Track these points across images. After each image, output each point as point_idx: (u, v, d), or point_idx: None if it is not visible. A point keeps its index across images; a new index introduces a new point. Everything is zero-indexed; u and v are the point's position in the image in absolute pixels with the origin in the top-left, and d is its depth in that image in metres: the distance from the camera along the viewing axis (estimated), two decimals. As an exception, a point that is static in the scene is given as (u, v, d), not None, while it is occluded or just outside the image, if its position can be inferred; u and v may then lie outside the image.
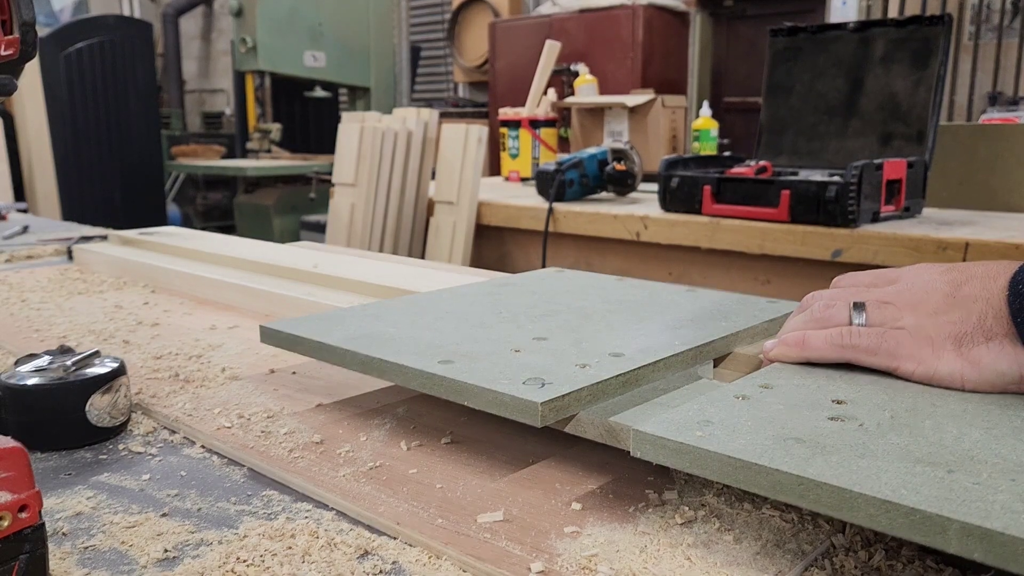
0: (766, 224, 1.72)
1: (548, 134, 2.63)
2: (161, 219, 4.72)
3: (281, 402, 0.57)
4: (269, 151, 4.34)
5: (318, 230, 3.14)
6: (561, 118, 2.86)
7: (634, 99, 2.79)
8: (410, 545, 0.39)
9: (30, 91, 3.18)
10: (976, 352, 0.44)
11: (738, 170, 1.84)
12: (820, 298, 0.52)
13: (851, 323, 0.48)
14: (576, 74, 3.17)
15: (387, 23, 3.96)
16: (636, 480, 0.44)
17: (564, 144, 2.95)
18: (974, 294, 0.46)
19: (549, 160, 2.46)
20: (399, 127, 2.47)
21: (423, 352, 0.50)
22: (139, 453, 0.50)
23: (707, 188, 1.82)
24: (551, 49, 2.73)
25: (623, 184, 2.20)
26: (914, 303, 0.48)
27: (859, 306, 0.49)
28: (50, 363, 0.51)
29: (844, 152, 1.88)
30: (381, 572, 0.36)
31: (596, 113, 2.86)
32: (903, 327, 0.47)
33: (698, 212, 1.84)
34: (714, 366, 0.54)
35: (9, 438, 0.34)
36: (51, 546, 0.36)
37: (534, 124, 2.60)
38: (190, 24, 6.94)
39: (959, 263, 0.50)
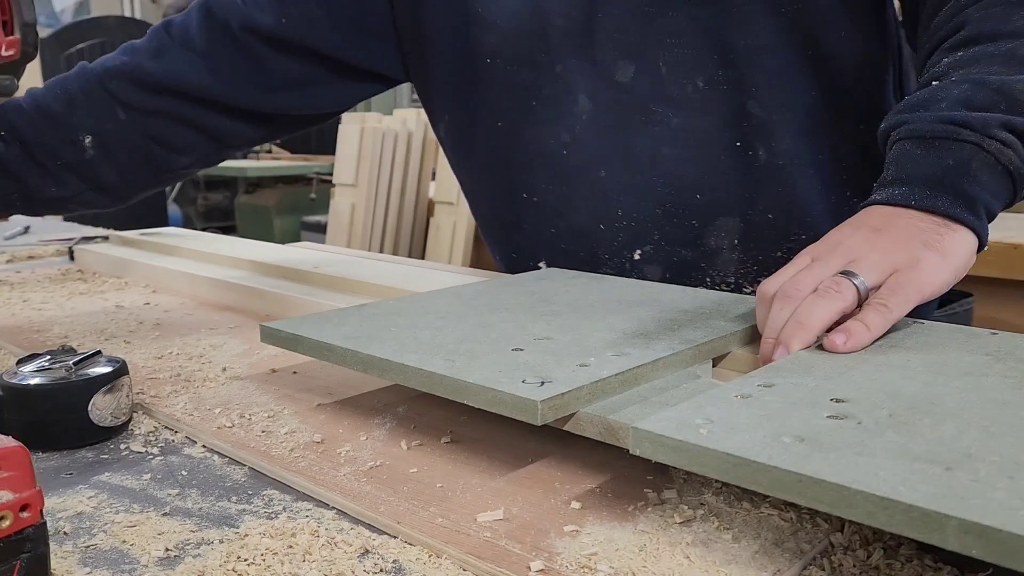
0: (766, 224, 1.71)
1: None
2: (162, 220, 4.71)
3: (282, 402, 0.57)
4: (269, 151, 4.34)
5: (318, 230, 3.14)
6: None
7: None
8: (410, 544, 0.39)
9: (31, 92, 3.18)
10: (944, 245, 0.52)
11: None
12: (799, 287, 0.52)
13: (859, 292, 0.50)
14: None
15: (387, 24, 3.96)
16: (635, 479, 0.44)
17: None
18: (892, 214, 0.54)
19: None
20: (399, 128, 2.47)
21: (423, 351, 0.50)
22: (140, 453, 0.50)
23: (707, 188, 1.82)
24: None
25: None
26: (872, 251, 0.52)
27: (848, 274, 0.50)
28: (52, 363, 0.51)
29: (844, 152, 1.87)
30: (381, 571, 0.37)
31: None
32: (896, 270, 0.50)
33: (698, 212, 1.84)
34: (713, 365, 0.54)
35: (10, 438, 0.34)
36: (53, 545, 0.37)
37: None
38: (190, 25, 6.94)
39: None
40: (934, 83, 0.61)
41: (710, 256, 0.81)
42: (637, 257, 0.82)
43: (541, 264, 0.87)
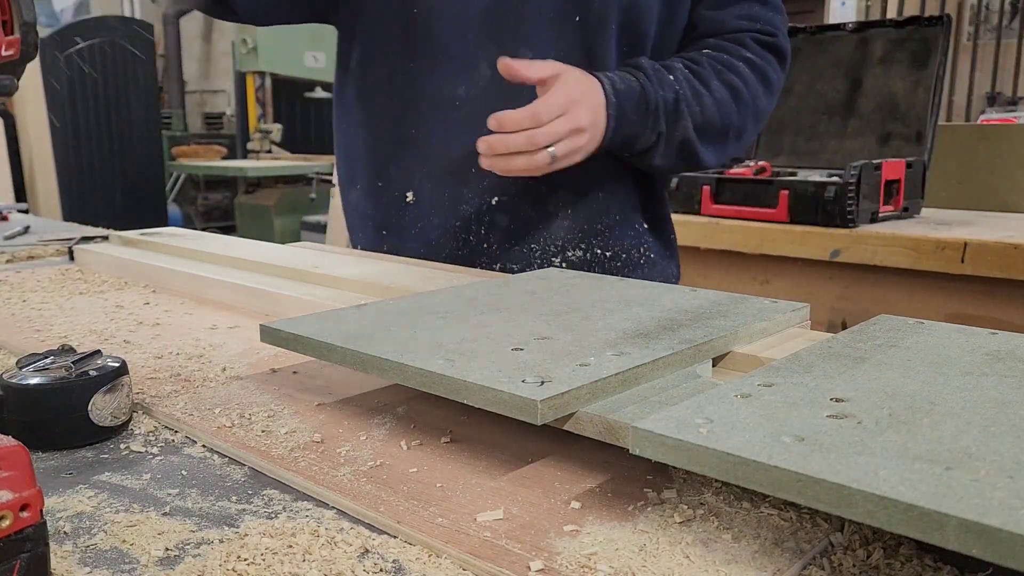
0: (765, 224, 1.72)
1: (548, 134, 2.62)
2: (162, 220, 4.72)
3: (282, 401, 0.57)
4: (270, 151, 4.35)
5: (318, 230, 3.14)
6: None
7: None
8: (410, 544, 0.39)
9: (31, 91, 3.19)
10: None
11: (737, 170, 1.84)
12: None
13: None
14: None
15: (387, 24, 3.96)
16: (635, 479, 0.44)
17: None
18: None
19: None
20: (399, 128, 2.45)
21: (423, 351, 0.50)
22: (140, 452, 0.50)
23: (706, 188, 1.82)
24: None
25: (623, 184, 2.19)
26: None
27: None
28: (52, 363, 0.51)
29: (843, 152, 1.88)
30: (381, 571, 0.37)
31: (596, 113, 2.86)
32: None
33: (697, 212, 1.84)
34: (713, 365, 0.54)
35: (10, 437, 0.34)
36: (53, 545, 0.37)
37: (534, 124, 2.60)
38: (191, 25, 6.94)
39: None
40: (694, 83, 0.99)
41: (548, 219, 1.01)
42: (494, 203, 1.00)
43: (408, 194, 1.03)
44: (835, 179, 1.66)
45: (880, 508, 0.30)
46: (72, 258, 1.15)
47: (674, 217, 1.84)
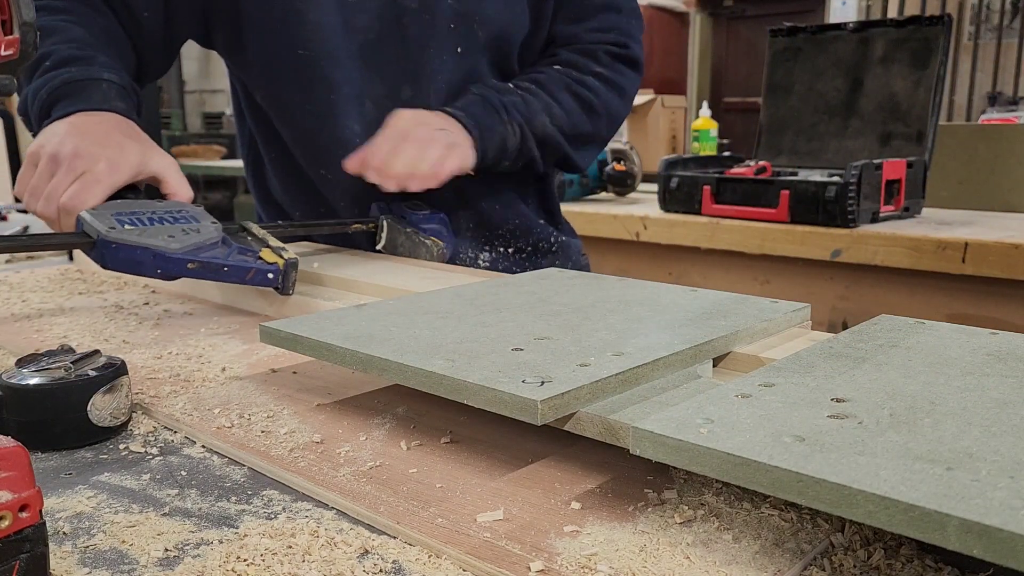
0: (766, 224, 1.72)
1: (548, 134, 2.62)
2: (161, 220, 4.68)
3: (281, 402, 0.57)
4: (269, 152, 4.32)
5: (318, 231, 3.13)
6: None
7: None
8: (410, 544, 0.39)
9: (30, 92, 3.17)
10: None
11: (738, 170, 1.84)
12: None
13: None
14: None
15: (387, 24, 3.95)
16: (635, 479, 0.44)
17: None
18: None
19: (549, 160, 2.45)
20: (399, 128, 2.45)
21: (423, 351, 0.50)
22: (140, 453, 0.50)
23: (707, 188, 1.82)
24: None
25: (623, 184, 2.20)
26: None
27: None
28: (51, 363, 0.51)
29: (844, 152, 1.88)
30: (381, 571, 0.36)
31: (596, 113, 2.85)
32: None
33: (698, 212, 1.84)
34: (713, 365, 0.54)
35: (9, 438, 0.34)
36: (52, 545, 0.36)
37: (534, 124, 2.60)
38: (190, 25, 6.93)
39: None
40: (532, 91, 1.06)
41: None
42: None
43: None
44: (836, 179, 1.66)
45: (881, 508, 0.30)
46: (71, 258, 1.15)
47: (674, 217, 1.86)
